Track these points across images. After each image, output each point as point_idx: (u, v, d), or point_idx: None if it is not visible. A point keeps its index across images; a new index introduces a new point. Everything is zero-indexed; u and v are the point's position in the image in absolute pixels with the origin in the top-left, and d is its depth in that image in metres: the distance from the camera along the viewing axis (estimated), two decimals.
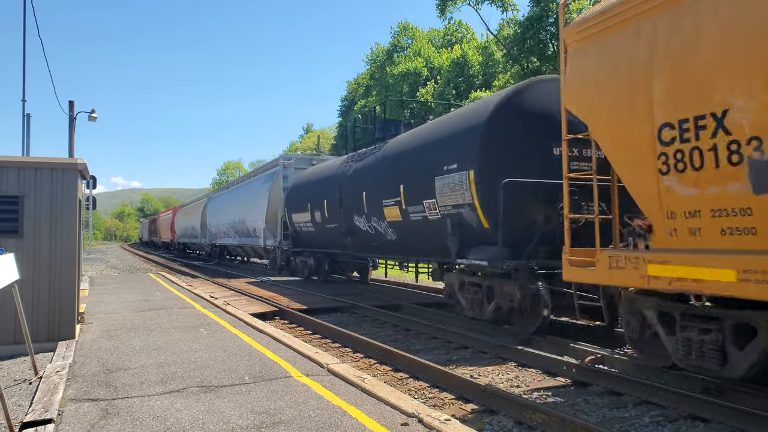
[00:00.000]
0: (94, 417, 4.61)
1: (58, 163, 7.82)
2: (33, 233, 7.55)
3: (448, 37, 48.76)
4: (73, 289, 7.85)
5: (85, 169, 8.26)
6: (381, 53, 51.87)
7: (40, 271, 7.54)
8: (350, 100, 59.14)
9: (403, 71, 45.48)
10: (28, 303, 7.07)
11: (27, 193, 7.55)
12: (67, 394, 5.25)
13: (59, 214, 7.69)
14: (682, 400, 5.45)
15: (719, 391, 5.64)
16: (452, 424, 4.35)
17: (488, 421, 5.26)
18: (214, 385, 5.52)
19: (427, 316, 11.23)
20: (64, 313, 7.70)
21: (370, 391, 5.21)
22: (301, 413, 4.65)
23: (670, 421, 5.20)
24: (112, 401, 5.03)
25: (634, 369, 6.51)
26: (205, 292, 14.08)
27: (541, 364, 7.16)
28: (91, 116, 25.03)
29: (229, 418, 4.54)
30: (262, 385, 5.48)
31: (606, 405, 5.73)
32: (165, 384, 5.55)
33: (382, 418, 4.50)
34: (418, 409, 4.68)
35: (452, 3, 40.92)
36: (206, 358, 6.66)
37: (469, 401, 5.84)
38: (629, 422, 5.21)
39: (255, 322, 9.11)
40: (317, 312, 11.82)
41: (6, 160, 7.59)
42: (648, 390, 5.78)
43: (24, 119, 19.09)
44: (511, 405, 5.42)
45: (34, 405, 4.87)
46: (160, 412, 4.72)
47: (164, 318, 9.68)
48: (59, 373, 5.89)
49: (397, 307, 12.34)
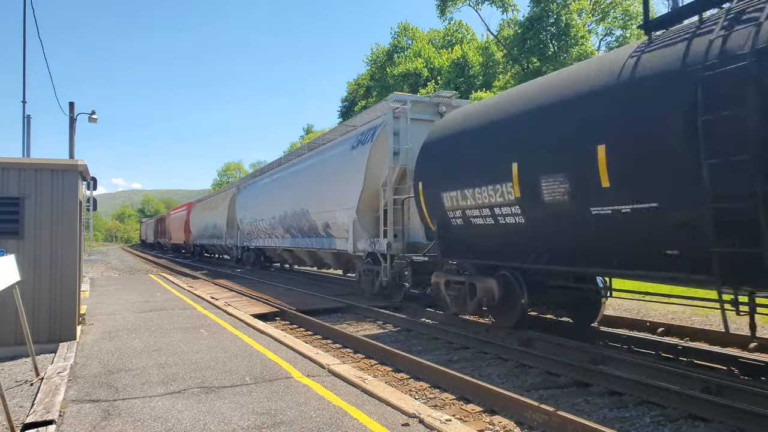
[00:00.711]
0: (96, 418, 4.62)
1: (58, 165, 7.83)
2: (34, 235, 7.56)
3: (449, 38, 48.78)
4: (74, 291, 7.86)
5: (85, 171, 8.27)
6: (381, 54, 51.87)
7: (41, 273, 7.55)
8: (351, 101, 59.12)
9: (403, 72, 45.50)
10: (29, 304, 7.08)
11: (28, 195, 7.56)
12: (68, 395, 5.26)
13: (60, 216, 7.70)
14: (683, 399, 5.45)
15: (719, 391, 5.65)
16: (453, 425, 4.35)
17: (489, 421, 5.27)
18: (215, 386, 5.53)
19: (429, 316, 11.23)
20: (65, 314, 7.71)
21: (370, 392, 5.21)
22: (302, 414, 4.65)
23: (670, 421, 5.20)
24: (114, 402, 5.03)
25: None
26: (206, 293, 14.10)
27: (542, 364, 7.16)
28: (91, 117, 25.04)
29: (230, 419, 4.54)
30: (263, 386, 5.48)
31: (606, 405, 5.73)
32: (166, 385, 5.56)
33: (383, 419, 4.51)
34: (419, 409, 4.69)
35: (452, 3, 40.98)
36: (207, 359, 6.66)
37: (470, 401, 5.84)
38: (630, 422, 5.22)
39: (256, 323, 9.12)
40: (317, 313, 11.82)
41: (7, 161, 7.60)
42: (648, 390, 5.78)
43: (24, 121, 19.11)
44: (512, 405, 5.42)
45: (36, 406, 4.88)
46: (162, 413, 4.73)
47: (165, 319, 9.68)
48: (60, 374, 5.90)
49: (398, 307, 12.35)
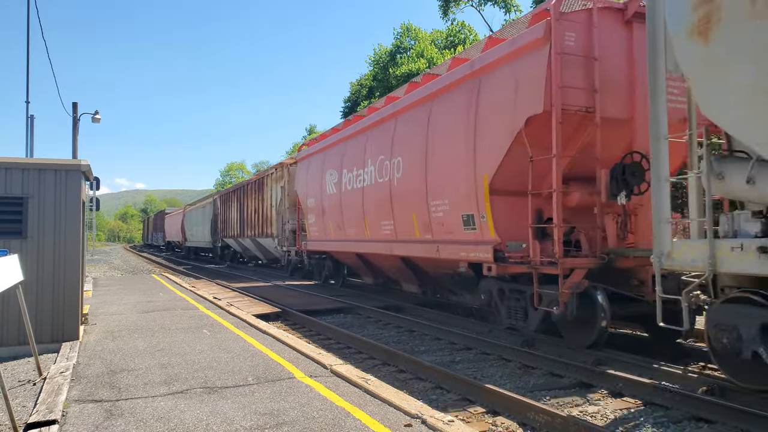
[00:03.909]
0: (98, 418, 4.62)
1: (61, 165, 7.84)
2: (37, 234, 7.57)
3: (451, 38, 48.72)
4: (76, 291, 7.86)
5: (88, 171, 8.28)
6: (384, 54, 51.87)
7: (44, 273, 7.56)
8: (353, 101, 59.16)
9: (406, 72, 45.47)
10: (32, 304, 7.10)
11: (31, 195, 7.57)
12: (71, 395, 5.26)
13: (63, 216, 7.71)
14: (686, 401, 5.43)
15: (722, 393, 5.63)
16: (456, 425, 4.34)
17: (492, 422, 5.26)
18: (217, 386, 5.53)
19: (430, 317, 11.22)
20: (67, 314, 7.72)
21: (373, 392, 5.21)
22: (305, 414, 4.65)
23: (673, 423, 5.18)
24: (116, 402, 5.03)
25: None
26: (208, 293, 14.11)
27: (545, 365, 7.15)
28: (94, 118, 25.11)
29: (232, 419, 4.54)
30: (266, 386, 5.48)
31: (609, 406, 5.71)
32: (169, 385, 5.56)
33: (385, 419, 4.50)
34: (421, 410, 4.68)
35: (455, 4, 40.98)
36: (210, 359, 6.66)
37: (473, 402, 5.83)
38: (633, 423, 5.20)
39: (258, 323, 9.12)
40: (319, 313, 11.83)
41: (10, 161, 7.61)
42: (652, 391, 5.76)
43: (27, 121, 19.17)
44: (515, 406, 5.41)
45: (38, 406, 4.88)
46: (164, 413, 4.73)
47: (168, 319, 9.69)
48: (63, 374, 5.90)
49: (400, 308, 12.34)
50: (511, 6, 38.97)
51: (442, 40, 50.95)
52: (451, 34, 50.08)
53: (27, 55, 17.23)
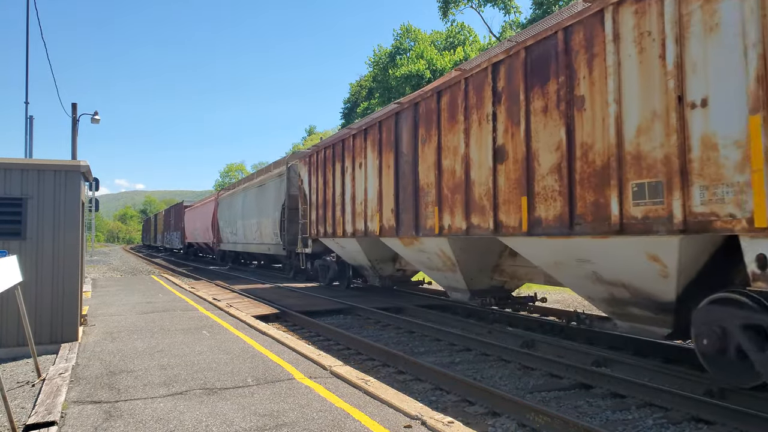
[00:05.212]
0: (97, 419, 4.61)
1: (61, 165, 7.83)
2: (36, 235, 7.56)
3: (451, 39, 48.77)
4: (75, 291, 7.86)
5: (88, 171, 8.27)
6: (383, 55, 51.91)
7: (43, 274, 7.56)
8: (353, 102, 59.19)
9: (405, 73, 45.51)
10: (31, 305, 7.09)
11: (30, 196, 7.56)
12: (70, 396, 5.25)
13: (62, 217, 7.70)
14: (685, 402, 5.43)
15: (722, 394, 5.63)
16: (455, 427, 4.34)
17: (491, 423, 5.26)
18: (217, 387, 5.52)
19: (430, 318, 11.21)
20: (66, 315, 7.71)
21: (373, 394, 5.20)
22: (304, 415, 4.64)
23: (673, 424, 5.19)
24: (115, 403, 5.03)
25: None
26: (208, 295, 14.10)
27: (545, 366, 7.14)
28: (93, 118, 25.11)
29: (232, 421, 4.54)
30: (265, 388, 5.47)
31: (609, 407, 5.72)
32: (168, 386, 5.55)
33: (385, 421, 4.50)
34: (421, 411, 4.67)
35: (455, 5, 41.03)
36: (209, 360, 6.66)
37: (473, 403, 5.83)
38: (632, 424, 5.20)
39: (258, 325, 9.11)
40: (319, 314, 11.82)
41: (9, 162, 7.61)
42: (651, 392, 5.76)
43: (27, 121, 19.17)
44: (515, 407, 5.41)
45: (37, 407, 4.87)
46: (163, 414, 4.72)
47: (167, 320, 9.68)
48: (62, 376, 5.89)
49: (400, 309, 12.33)
50: (511, 7, 39.00)
51: (442, 41, 51.03)
52: (451, 35, 50.15)
53: (26, 56, 17.25)
